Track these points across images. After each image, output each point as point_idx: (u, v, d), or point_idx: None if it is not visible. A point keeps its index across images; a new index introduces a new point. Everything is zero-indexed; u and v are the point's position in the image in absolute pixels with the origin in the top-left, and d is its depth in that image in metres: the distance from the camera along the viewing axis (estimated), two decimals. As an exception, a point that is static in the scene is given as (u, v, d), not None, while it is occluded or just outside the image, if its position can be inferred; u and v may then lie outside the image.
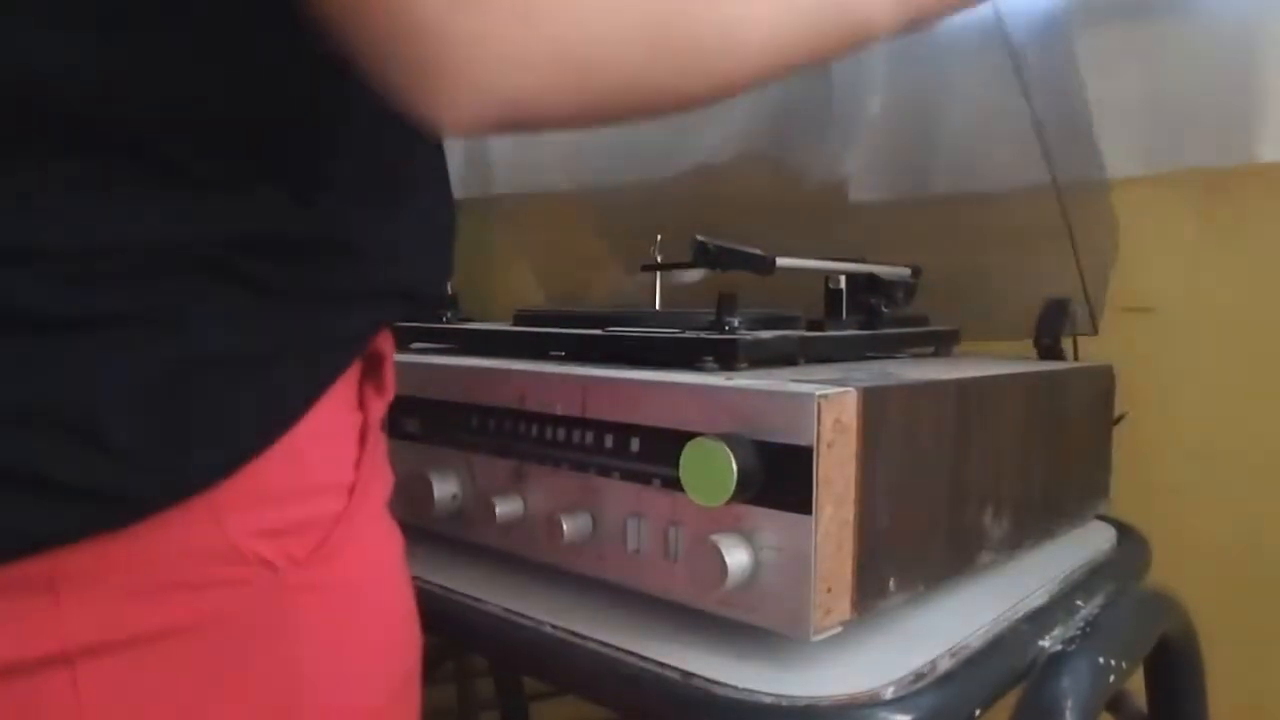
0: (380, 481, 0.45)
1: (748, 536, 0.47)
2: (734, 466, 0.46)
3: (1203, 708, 0.65)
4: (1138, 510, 0.77)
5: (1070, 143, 0.80)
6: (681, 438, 0.48)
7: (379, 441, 0.45)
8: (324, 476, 0.41)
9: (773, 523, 0.47)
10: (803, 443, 0.45)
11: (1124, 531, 0.73)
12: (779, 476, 0.46)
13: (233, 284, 0.36)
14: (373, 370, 0.45)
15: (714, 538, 0.47)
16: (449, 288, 1.16)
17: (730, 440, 0.47)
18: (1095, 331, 0.79)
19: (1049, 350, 0.77)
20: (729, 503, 0.46)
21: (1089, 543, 0.69)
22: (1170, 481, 0.81)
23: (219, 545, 0.36)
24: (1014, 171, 0.83)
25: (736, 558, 0.47)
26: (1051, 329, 0.77)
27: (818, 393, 0.45)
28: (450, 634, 0.60)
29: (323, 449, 0.41)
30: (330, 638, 0.40)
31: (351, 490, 0.41)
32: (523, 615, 0.54)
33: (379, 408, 0.45)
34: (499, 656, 0.78)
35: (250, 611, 0.37)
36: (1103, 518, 0.76)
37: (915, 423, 0.52)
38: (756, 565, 0.47)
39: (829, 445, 0.45)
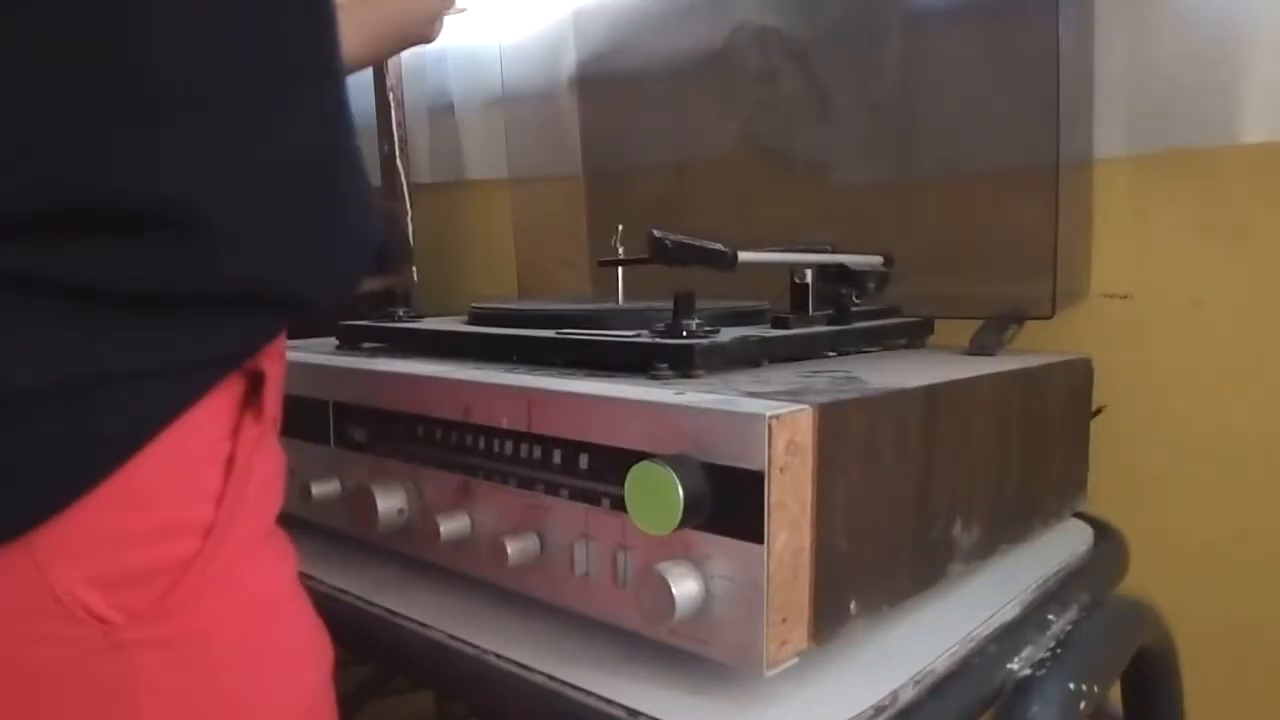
0: (253, 516, 0.40)
1: (698, 564, 0.45)
2: (680, 493, 0.43)
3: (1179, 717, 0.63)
4: (1117, 505, 0.75)
5: (1071, 122, 0.77)
6: (630, 456, 0.45)
7: (253, 470, 0.40)
8: (170, 517, 0.36)
9: (723, 550, 0.44)
10: (753, 467, 0.42)
11: (1102, 531, 0.70)
12: (730, 501, 0.43)
13: (49, 299, 0.32)
14: (253, 392, 0.41)
15: (661, 567, 0.44)
16: (413, 275, 1.12)
17: (677, 463, 0.43)
18: (1051, 314, 0.76)
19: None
20: (676, 530, 0.44)
21: (1065, 545, 0.67)
22: (1151, 474, 0.78)
23: (41, 598, 0.33)
24: (1003, 151, 0.80)
25: (685, 588, 0.44)
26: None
27: (769, 413, 0.42)
28: (390, 662, 0.57)
29: (169, 486, 0.36)
30: (178, 699, 0.36)
31: (209, 531, 0.37)
32: (466, 642, 0.51)
33: (254, 435, 0.40)
34: (438, 685, 0.75)
35: (80, 673, 0.34)
36: (1081, 515, 0.73)
37: (877, 437, 0.49)
38: (707, 595, 0.44)
39: (781, 469, 0.42)
